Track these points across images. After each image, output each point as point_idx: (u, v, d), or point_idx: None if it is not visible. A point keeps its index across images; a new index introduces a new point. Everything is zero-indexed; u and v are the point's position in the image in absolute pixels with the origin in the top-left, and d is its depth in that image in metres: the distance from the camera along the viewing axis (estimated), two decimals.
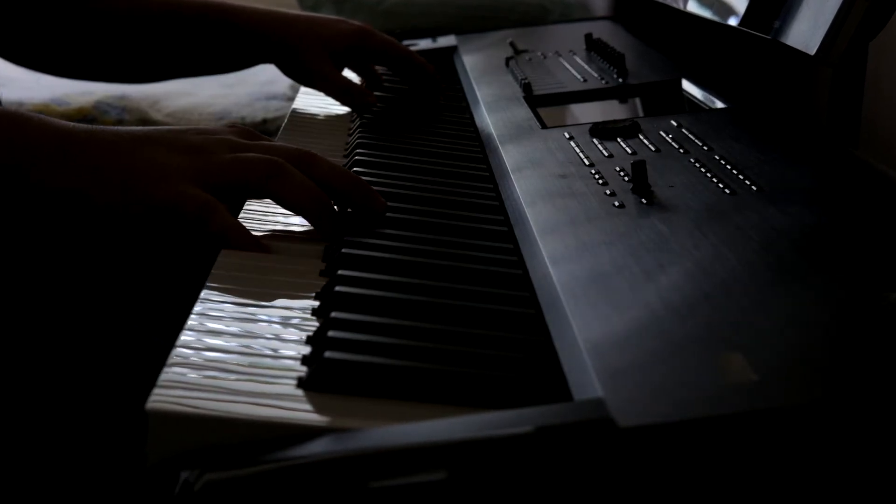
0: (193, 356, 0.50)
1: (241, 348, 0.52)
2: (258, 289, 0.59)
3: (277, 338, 0.54)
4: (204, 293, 0.58)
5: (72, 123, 0.69)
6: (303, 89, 1.12)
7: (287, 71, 1.05)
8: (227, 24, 1.03)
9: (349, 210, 0.70)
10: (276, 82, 1.49)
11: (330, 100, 1.04)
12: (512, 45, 1.20)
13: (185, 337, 0.52)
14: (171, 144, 0.68)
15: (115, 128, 0.69)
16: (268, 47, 1.03)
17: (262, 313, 0.56)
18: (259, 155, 0.68)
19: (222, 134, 0.71)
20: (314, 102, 1.07)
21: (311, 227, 0.68)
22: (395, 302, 0.57)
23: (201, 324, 0.54)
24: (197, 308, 0.56)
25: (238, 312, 0.56)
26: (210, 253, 0.65)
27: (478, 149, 0.89)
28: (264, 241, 0.67)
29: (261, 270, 0.62)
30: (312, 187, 0.67)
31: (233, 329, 0.54)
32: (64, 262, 0.89)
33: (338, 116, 1.03)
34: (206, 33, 1.05)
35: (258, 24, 1.03)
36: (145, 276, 0.96)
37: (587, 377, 0.47)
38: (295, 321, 0.56)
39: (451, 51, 1.28)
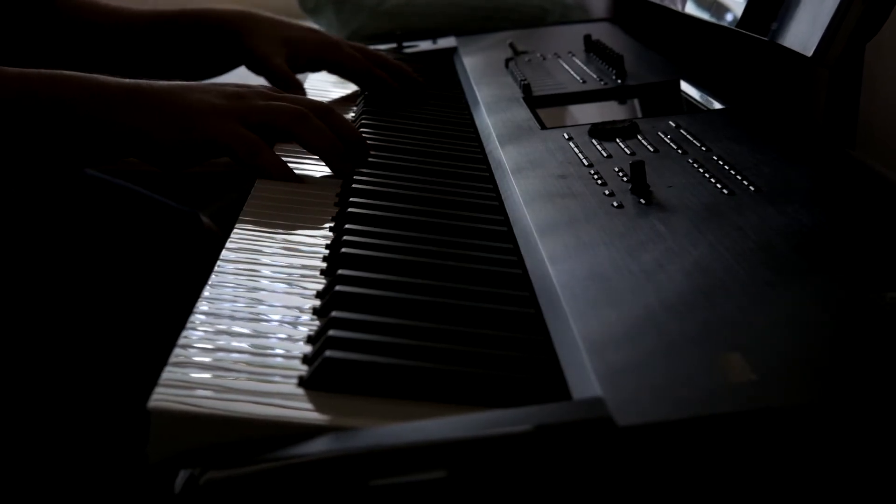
0: (195, 355, 0.51)
1: (242, 347, 0.52)
2: (260, 288, 0.60)
3: (278, 337, 0.54)
4: (205, 292, 0.58)
5: (128, 80, 0.79)
6: (307, 86, 1.12)
7: (250, 67, 1.06)
8: (200, 26, 1.05)
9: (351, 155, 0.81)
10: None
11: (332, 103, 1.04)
12: (511, 46, 1.20)
13: (187, 336, 0.52)
14: (214, 91, 0.79)
15: (162, 82, 0.79)
16: (229, 40, 1.04)
17: (263, 312, 0.56)
18: (288, 104, 0.80)
19: (254, 88, 0.83)
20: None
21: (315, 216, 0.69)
22: (396, 301, 0.57)
23: (203, 323, 0.54)
24: (198, 307, 0.56)
25: (239, 311, 0.56)
26: (209, 254, 0.65)
27: (478, 149, 0.89)
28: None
29: (262, 269, 0.62)
30: (329, 134, 0.80)
31: (234, 328, 0.54)
32: (65, 263, 0.89)
33: None
34: (182, 37, 1.05)
35: (225, 21, 1.05)
36: (146, 276, 0.96)
37: (586, 376, 0.47)
38: (296, 320, 0.56)
39: (452, 52, 1.29)
